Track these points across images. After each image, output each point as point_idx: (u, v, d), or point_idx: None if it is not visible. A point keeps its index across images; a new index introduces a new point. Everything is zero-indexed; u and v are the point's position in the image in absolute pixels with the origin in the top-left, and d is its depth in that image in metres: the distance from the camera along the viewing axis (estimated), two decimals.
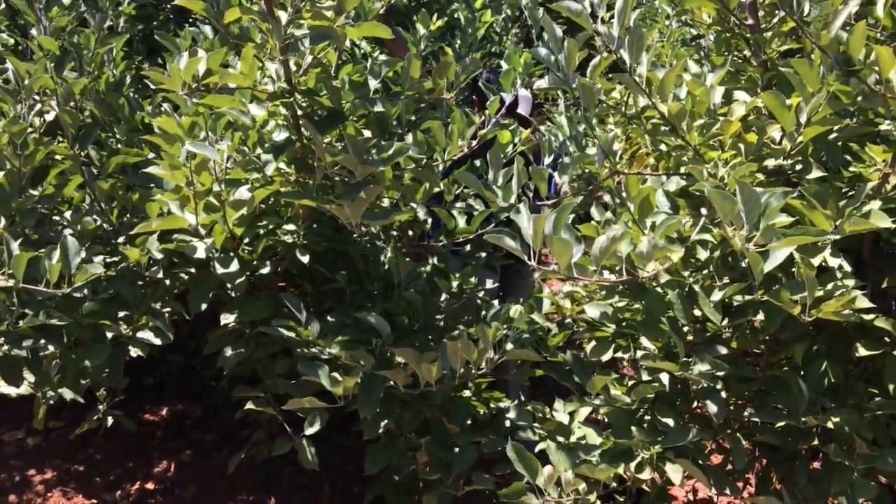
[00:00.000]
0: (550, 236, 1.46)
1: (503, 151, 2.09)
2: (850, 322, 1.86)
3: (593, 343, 2.01)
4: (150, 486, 3.11)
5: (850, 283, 1.62)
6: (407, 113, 2.05)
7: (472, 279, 2.58)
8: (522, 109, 3.26)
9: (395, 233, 2.58)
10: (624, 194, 2.00)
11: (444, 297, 2.43)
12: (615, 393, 1.99)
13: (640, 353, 1.92)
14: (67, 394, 2.27)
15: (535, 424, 2.29)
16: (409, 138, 2.01)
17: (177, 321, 3.32)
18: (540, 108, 4.93)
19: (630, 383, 2.02)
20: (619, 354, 2.04)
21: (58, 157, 2.29)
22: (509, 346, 2.10)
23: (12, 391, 2.10)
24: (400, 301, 2.35)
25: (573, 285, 2.43)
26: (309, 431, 2.24)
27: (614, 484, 2.01)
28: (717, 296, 1.70)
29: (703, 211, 1.76)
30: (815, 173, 1.76)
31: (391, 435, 2.35)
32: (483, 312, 2.35)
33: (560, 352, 2.26)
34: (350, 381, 1.98)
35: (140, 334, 2.10)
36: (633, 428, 1.91)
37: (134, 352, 2.13)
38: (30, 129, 2.18)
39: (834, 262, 1.69)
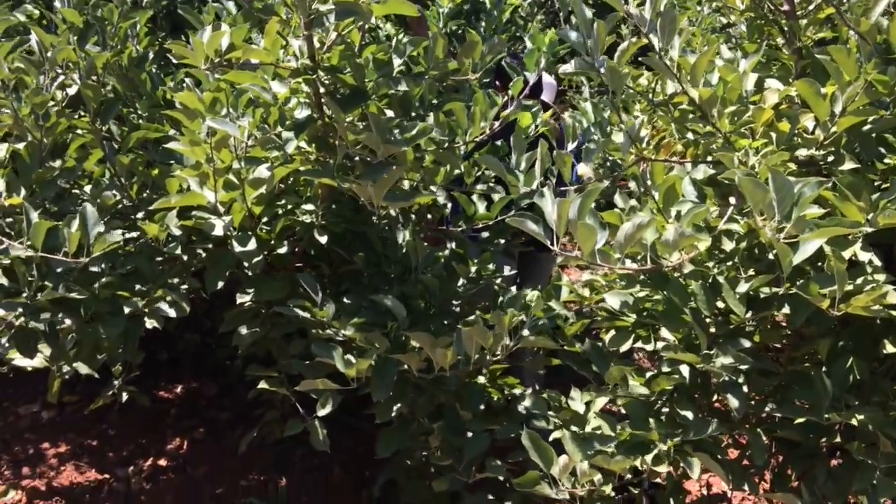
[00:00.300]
0: (574, 221, 1.43)
1: (524, 133, 2.05)
2: (878, 318, 1.82)
3: (612, 333, 1.98)
4: (162, 462, 3.12)
5: (881, 277, 1.58)
6: (430, 94, 2.02)
7: (490, 265, 2.55)
8: (546, 96, 3.22)
9: (414, 216, 2.55)
10: (649, 182, 1.96)
11: (461, 282, 2.40)
12: (633, 384, 1.96)
13: (660, 345, 1.89)
14: (83, 368, 2.27)
15: (550, 413, 2.27)
16: (431, 119, 1.98)
17: (193, 300, 3.32)
18: (563, 96, 4.88)
19: (648, 375, 1.99)
20: (638, 345, 2.01)
21: (79, 130, 2.29)
22: (525, 332, 2.07)
23: (27, 364, 2.10)
24: (417, 285, 2.33)
25: (593, 273, 2.39)
26: (321, 413, 2.23)
27: (629, 476, 1.98)
28: (742, 287, 1.66)
29: (731, 200, 1.72)
30: (848, 165, 1.71)
31: (404, 419, 2.33)
32: (500, 299, 2.33)
33: (577, 341, 2.23)
34: (364, 364, 1.97)
35: (156, 306, 2.10)
36: (651, 420, 1.88)
37: (150, 323, 2.12)
38: (51, 102, 2.17)
39: (864, 256, 1.65)
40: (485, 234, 2.76)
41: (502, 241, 2.76)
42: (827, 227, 1.40)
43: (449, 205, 2.59)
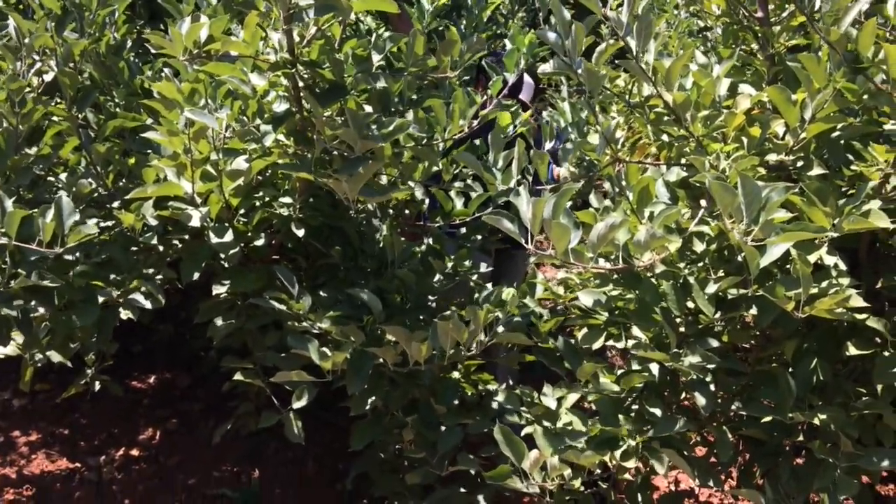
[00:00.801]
0: (549, 220, 1.46)
1: (503, 132, 2.07)
2: (842, 321, 1.86)
3: (585, 330, 2.01)
4: (134, 452, 3.10)
5: (845, 281, 1.62)
6: (409, 90, 2.03)
7: (467, 262, 2.57)
8: (524, 95, 3.25)
9: (391, 211, 2.56)
10: (624, 183, 1.99)
11: (437, 277, 2.42)
12: (604, 381, 1.99)
13: (631, 343, 1.92)
14: (56, 356, 2.26)
15: (523, 409, 2.30)
16: (410, 116, 1.99)
17: (168, 291, 3.31)
18: (542, 94, 4.91)
19: (619, 372, 2.03)
20: (610, 343, 2.04)
21: (55, 117, 2.27)
22: (500, 329, 2.09)
23: (0, 352, 2.09)
24: (393, 279, 2.34)
25: (567, 272, 2.42)
26: (296, 405, 2.24)
27: (598, 471, 2.02)
28: (711, 288, 1.70)
29: (703, 203, 1.75)
30: (817, 170, 1.75)
31: (378, 412, 2.35)
32: (476, 295, 2.35)
33: (551, 338, 2.26)
34: (339, 357, 1.98)
35: (131, 297, 2.09)
36: (621, 416, 1.91)
37: (124, 314, 2.12)
38: (28, 88, 2.15)
39: (830, 260, 1.69)
40: (462, 231, 2.78)
41: (479, 238, 2.79)
42: (793, 232, 1.43)
43: (427, 201, 2.61)
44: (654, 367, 1.90)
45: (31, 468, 2.95)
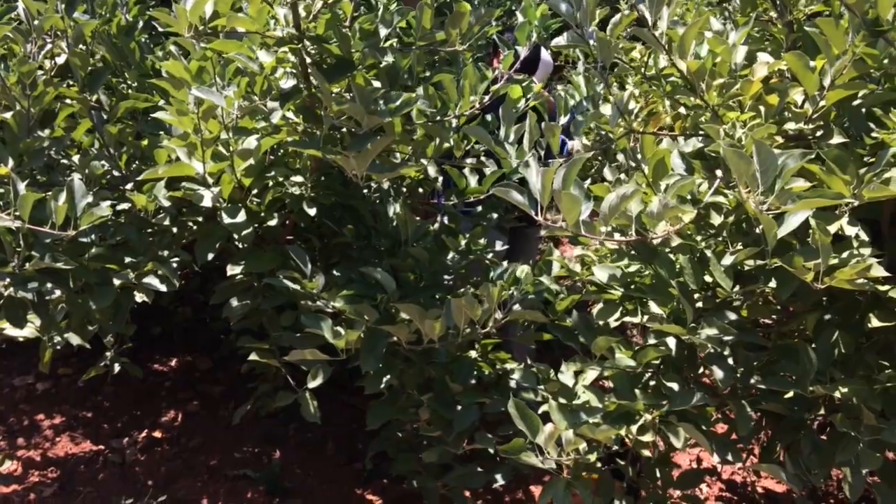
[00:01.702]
0: (559, 191, 1.43)
1: (514, 106, 2.04)
2: (865, 294, 1.82)
3: (600, 305, 1.98)
4: (157, 434, 3.14)
5: (867, 251, 1.58)
6: (418, 65, 2.01)
7: (482, 240, 2.55)
8: (541, 73, 3.21)
9: (405, 190, 2.54)
10: (639, 156, 1.95)
11: (451, 255, 2.41)
12: (620, 356, 1.97)
13: (647, 318, 1.89)
14: (74, 339, 2.28)
15: (540, 387, 2.28)
16: (420, 91, 1.97)
17: (186, 274, 3.34)
18: (560, 72, 4.85)
19: (637, 348, 2.00)
20: (626, 318, 2.02)
21: (67, 100, 2.27)
22: (516, 307, 2.07)
23: (18, 334, 2.10)
24: (406, 258, 2.33)
25: (584, 249, 2.40)
26: (312, 384, 2.24)
27: (616, 447, 2.00)
28: (727, 260, 1.66)
29: (718, 173, 1.71)
30: (837, 139, 1.70)
31: (393, 391, 2.35)
32: (490, 273, 2.33)
33: (568, 316, 2.24)
34: (353, 335, 1.97)
35: (146, 280, 2.10)
36: (637, 391, 1.89)
37: (139, 297, 2.13)
38: (39, 71, 2.16)
39: (851, 230, 1.65)
40: (477, 209, 2.75)
41: (494, 216, 2.76)
42: (810, 199, 1.39)
43: (440, 179, 2.59)
44: (671, 342, 1.87)
45: (56, 451, 2.99)
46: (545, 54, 3.28)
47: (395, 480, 2.92)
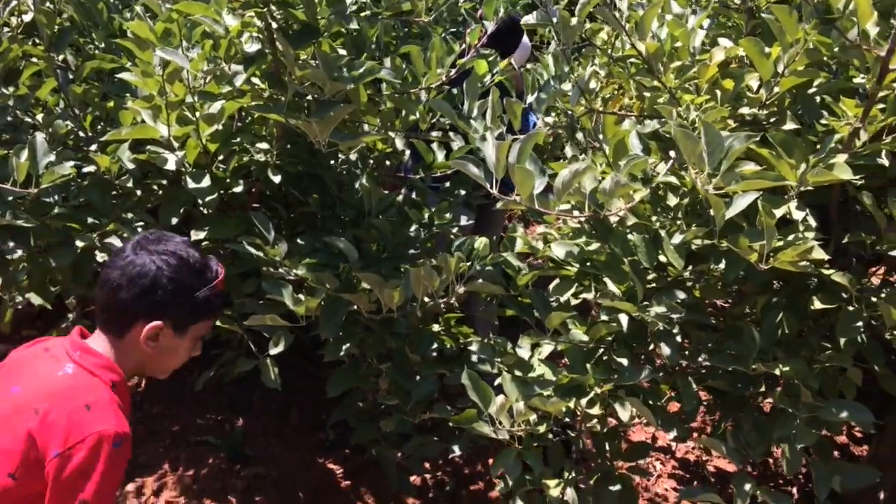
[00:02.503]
0: (513, 165, 1.46)
1: (480, 81, 2.06)
2: (813, 277, 1.88)
3: (556, 281, 2.02)
4: None
5: (811, 235, 1.63)
6: (387, 36, 2.02)
7: (447, 214, 2.57)
8: (518, 56, 3.23)
9: (371, 162, 2.56)
10: (601, 136, 1.99)
11: (413, 227, 2.43)
12: (574, 331, 2.01)
13: (599, 294, 1.94)
14: (35, 299, 2.28)
15: (497, 359, 2.32)
16: (388, 62, 1.98)
17: None
18: (538, 55, 4.86)
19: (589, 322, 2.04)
20: (583, 295, 2.06)
21: (33, 58, 2.26)
22: (476, 279, 2.11)
23: None
24: (370, 228, 2.35)
25: (548, 227, 2.43)
26: (273, 351, 2.27)
27: (567, 419, 2.05)
28: (677, 239, 1.70)
29: (672, 154, 1.75)
30: (789, 125, 1.75)
31: (354, 360, 2.38)
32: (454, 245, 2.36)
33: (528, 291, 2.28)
34: (313, 302, 2.00)
35: (108, 241, 2.10)
36: (589, 365, 1.93)
37: (101, 257, 2.13)
38: (5, 28, 2.14)
39: (798, 214, 1.69)
40: (446, 185, 2.78)
41: (462, 193, 2.79)
42: (753, 181, 1.44)
43: (408, 152, 2.60)
44: (623, 318, 1.91)
45: None
46: (526, 39, 3.30)
47: (357, 450, 2.97)
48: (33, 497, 1.33)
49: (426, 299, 2.04)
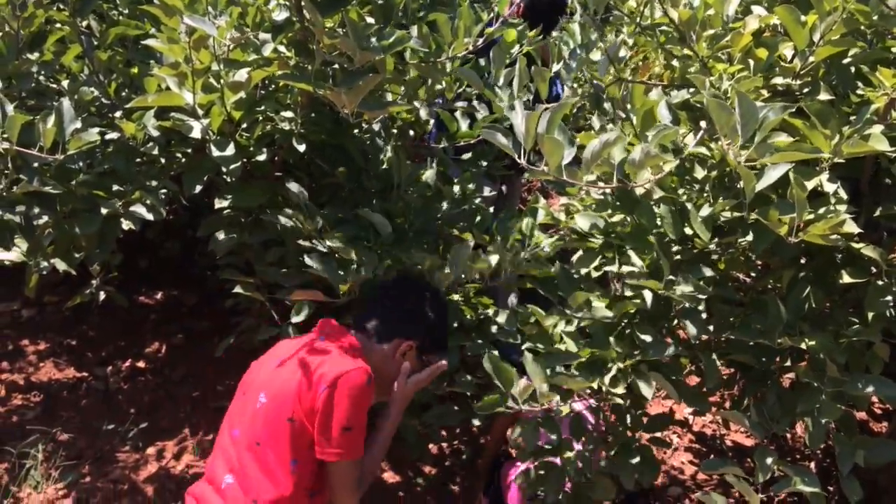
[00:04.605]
0: (542, 135, 1.44)
1: (508, 51, 2.04)
2: (841, 251, 1.86)
3: (580, 253, 2.01)
4: (141, 364, 3.18)
5: (842, 208, 1.60)
6: (413, 3, 2.00)
7: (471, 185, 2.56)
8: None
9: (395, 132, 2.54)
10: (629, 106, 1.96)
11: (445, 204, 2.42)
12: (597, 306, 2.00)
13: (626, 269, 1.92)
14: (60, 265, 2.29)
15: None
16: (414, 31, 1.96)
17: (177, 209, 3.34)
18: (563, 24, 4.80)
19: (614, 296, 2.03)
20: (606, 268, 2.04)
21: (58, 24, 2.25)
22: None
23: (4, 257, 2.12)
24: (398, 202, 2.34)
25: (570, 199, 2.42)
26: (295, 319, 2.28)
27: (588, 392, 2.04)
28: (705, 211, 1.68)
29: (703, 124, 1.73)
30: (824, 96, 1.71)
31: None
32: (486, 223, 2.35)
33: (551, 263, 2.27)
34: (357, 278, 2.00)
35: (133, 208, 2.11)
36: (612, 340, 1.92)
37: (126, 225, 2.14)
38: None
39: (830, 187, 1.67)
40: (467, 155, 2.76)
41: (484, 164, 2.77)
42: (787, 152, 1.41)
43: (432, 121, 2.58)
44: (648, 295, 1.90)
45: (39, 376, 3.03)
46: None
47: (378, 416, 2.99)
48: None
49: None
